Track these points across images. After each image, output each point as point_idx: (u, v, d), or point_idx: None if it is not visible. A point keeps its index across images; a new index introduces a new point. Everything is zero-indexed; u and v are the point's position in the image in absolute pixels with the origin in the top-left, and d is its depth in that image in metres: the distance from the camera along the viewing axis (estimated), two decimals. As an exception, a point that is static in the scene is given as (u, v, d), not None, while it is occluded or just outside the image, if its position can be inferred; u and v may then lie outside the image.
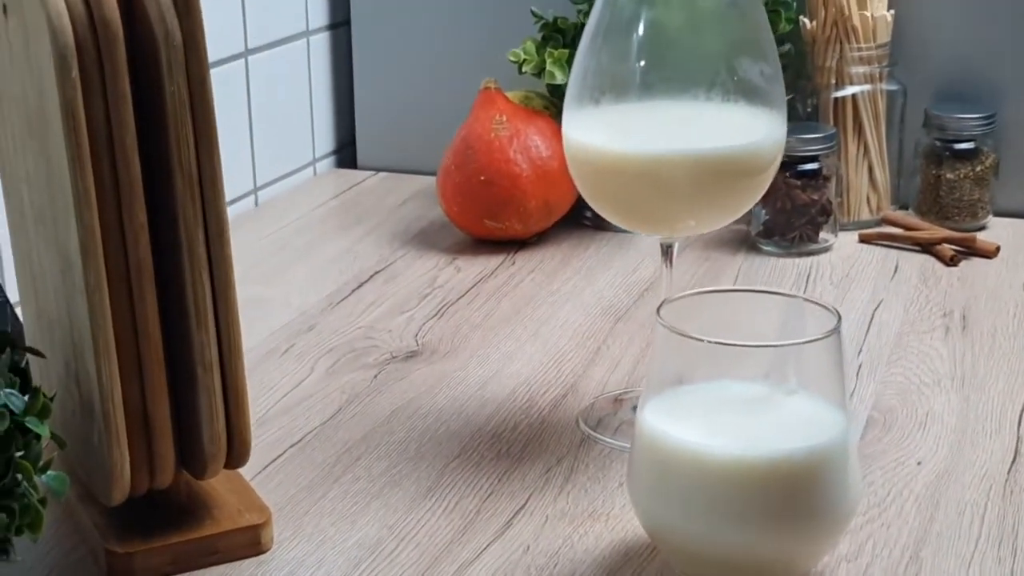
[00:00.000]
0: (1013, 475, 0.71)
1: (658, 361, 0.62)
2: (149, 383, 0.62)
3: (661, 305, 0.62)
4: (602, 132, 0.71)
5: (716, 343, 0.59)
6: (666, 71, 0.71)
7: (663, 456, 0.60)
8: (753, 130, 0.71)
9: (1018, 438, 0.75)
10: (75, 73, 0.58)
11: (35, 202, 0.65)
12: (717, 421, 0.61)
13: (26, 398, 0.57)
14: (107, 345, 0.60)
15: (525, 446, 0.76)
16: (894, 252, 1.03)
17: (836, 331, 0.60)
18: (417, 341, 0.89)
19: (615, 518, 0.68)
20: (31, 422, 0.57)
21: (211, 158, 0.61)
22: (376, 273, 1.01)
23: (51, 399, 0.59)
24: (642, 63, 0.71)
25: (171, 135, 0.60)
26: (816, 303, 0.62)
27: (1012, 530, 0.66)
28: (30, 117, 0.63)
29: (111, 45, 0.59)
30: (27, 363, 0.62)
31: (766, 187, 0.73)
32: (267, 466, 0.73)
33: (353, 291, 0.98)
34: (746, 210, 0.75)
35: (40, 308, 0.68)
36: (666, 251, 0.76)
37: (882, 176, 1.07)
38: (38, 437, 0.58)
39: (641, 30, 0.71)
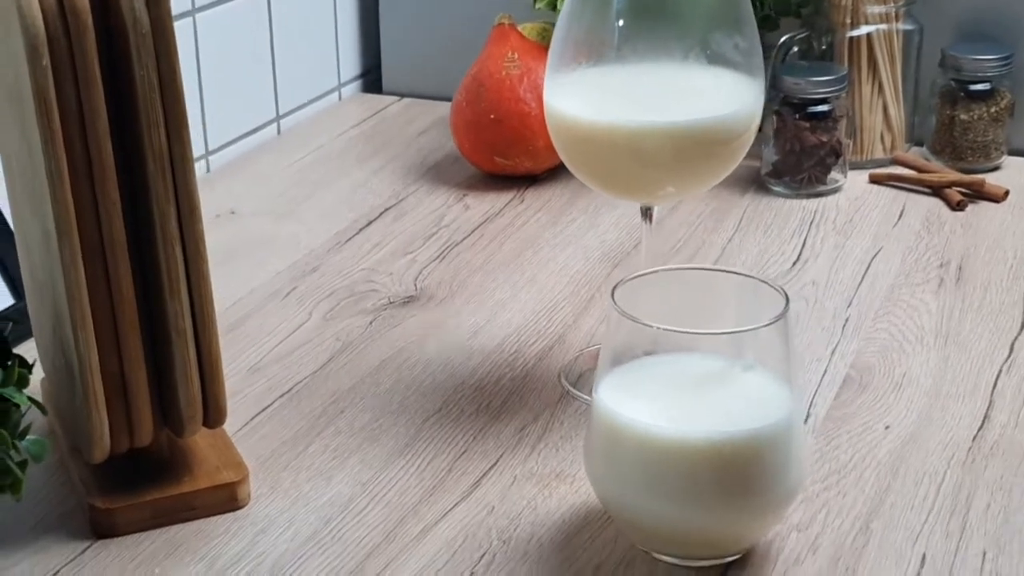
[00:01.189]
0: (978, 442, 0.72)
1: (613, 339, 0.63)
2: (126, 350, 0.65)
3: (616, 286, 0.64)
4: (581, 100, 0.72)
5: (665, 329, 0.61)
6: (644, 37, 0.71)
7: (614, 433, 0.62)
8: (730, 100, 0.71)
9: (990, 402, 0.76)
10: (46, 62, 0.60)
11: (22, 173, 0.68)
12: (667, 400, 0.63)
13: (5, 367, 0.61)
14: (83, 317, 0.63)
15: (505, 401, 0.78)
16: (903, 194, 1.02)
17: (783, 316, 0.61)
18: (416, 285, 0.91)
19: (580, 480, 0.70)
20: (8, 392, 0.61)
21: (181, 139, 0.63)
22: (386, 210, 1.03)
23: (30, 367, 0.63)
24: (620, 23, 0.71)
25: (142, 118, 0.62)
26: (769, 284, 0.63)
27: (965, 502, 0.67)
28: (11, 94, 0.65)
29: (81, 34, 0.61)
30: (9, 331, 0.65)
31: (744, 152, 0.74)
32: (254, 417, 0.76)
33: (361, 230, 1.00)
34: (725, 175, 0.75)
35: (32, 271, 0.72)
36: (646, 212, 0.77)
37: (897, 115, 1.06)
38: (16, 405, 0.62)
39: (621, -5, 0.71)
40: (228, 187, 1.07)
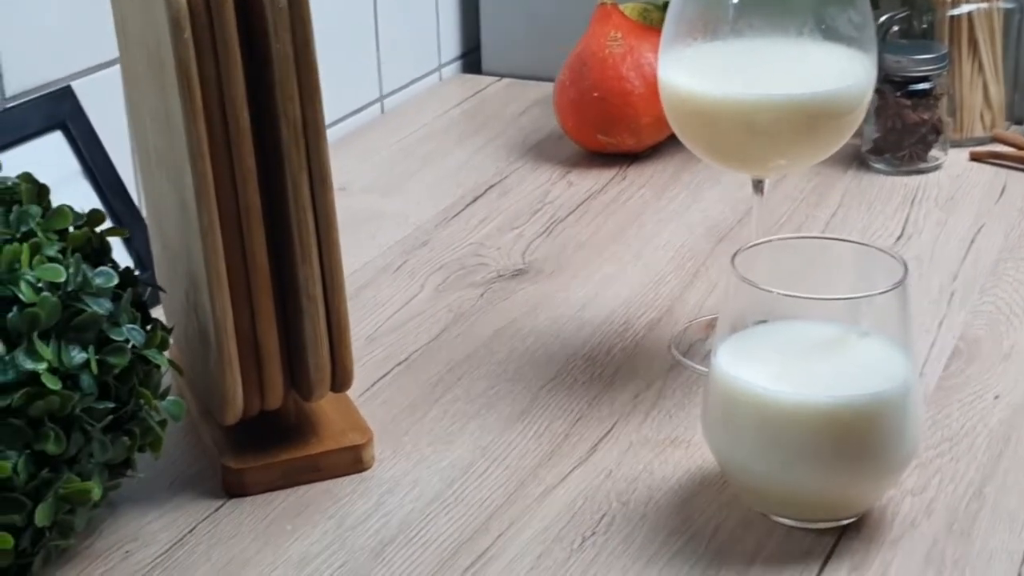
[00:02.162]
0: (1089, 414, 0.73)
1: (732, 304, 0.65)
2: (259, 314, 0.67)
3: (736, 254, 0.65)
4: (697, 75, 0.74)
5: (784, 295, 0.62)
6: (759, 13, 0.73)
7: (732, 398, 0.64)
8: (845, 74, 0.72)
9: (1101, 375, 0.76)
10: (187, 35, 0.63)
11: (157, 144, 0.71)
12: (784, 365, 0.64)
13: (147, 330, 0.64)
14: (220, 281, 0.66)
15: (617, 370, 0.80)
16: (1003, 172, 1.03)
17: (902, 283, 0.62)
18: (524, 259, 0.93)
19: (695, 446, 0.72)
20: (150, 354, 0.64)
21: (314, 109, 0.66)
22: (491, 187, 1.05)
23: (169, 331, 0.66)
24: (735, 1, 0.73)
25: (277, 89, 0.65)
26: (887, 252, 0.65)
27: (1079, 471, 0.68)
28: (151, 57, 0.68)
29: (221, 8, 0.63)
30: (148, 295, 0.68)
31: (856, 126, 0.75)
32: (374, 384, 0.79)
33: (467, 206, 1.02)
34: (837, 148, 0.76)
35: (164, 241, 0.75)
36: (757, 185, 0.78)
37: (997, 93, 1.06)
38: (158, 366, 0.64)
39: (735, -28, 0.72)
40: (337, 164, 1.07)
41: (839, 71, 0.72)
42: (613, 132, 1.06)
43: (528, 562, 0.64)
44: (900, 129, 1.02)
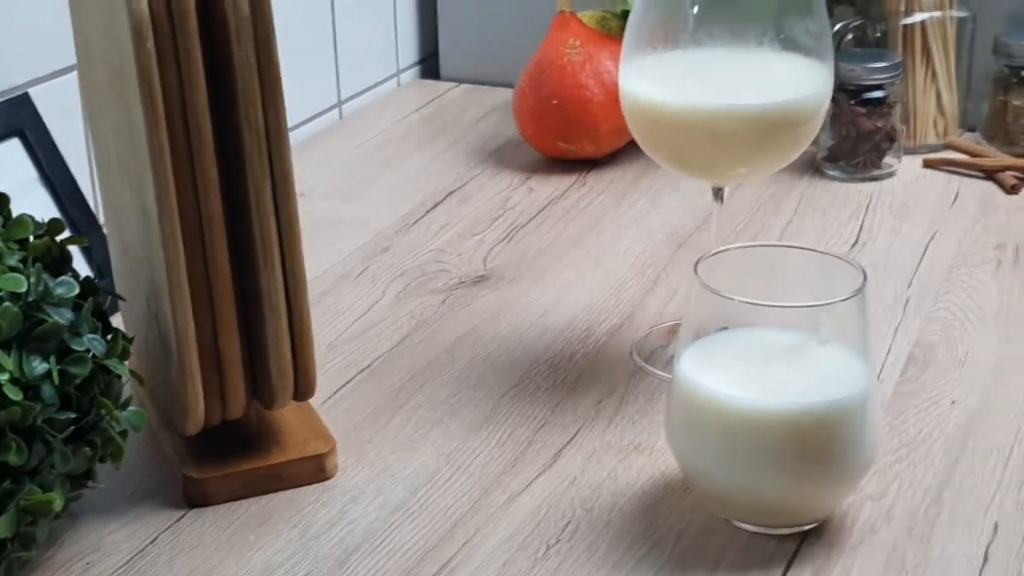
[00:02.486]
0: (1044, 418, 0.74)
1: (694, 312, 0.65)
2: (221, 323, 0.67)
3: (698, 261, 0.66)
4: (658, 83, 0.74)
5: (746, 302, 0.63)
6: (718, 22, 0.73)
7: (695, 404, 0.64)
8: (804, 83, 0.73)
9: (1054, 380, 0.78)
10: (150, 44, 0.62)
11: (119, 151, 0.71)
12: (746, 371, 0.65)
13: (108, 340, 0.64)
14: (181, 289, 0.66)
15: (580, 376, 0.80)
16: (956, 178, 1.04)
17: (861, 291, 0.63)
18: (485, 265, 0.94)
19: (658, 452, 0.72)
20: (112, 364, 0.63)
21: (277, 116, 0.66)
22: (451, 193, 1.05)
23: (130, 341, 0.65)
24: (695, 10, 0.74)
25: (240, 97, 0.65)
26: (846, 261, 0.65)
27: (1034, 475, 0.69)
28: (113, 73, 0.68)
29: (183, 17, 0.63)
30: (109, 304, 0.68)
31: (815, 134, 0.76)
32: (337, 392, 0.79)
33: (428, 212, 1.02)
34: (795, 156, 0.77)
35: (124, 248, 0.74)
36: (717, 193, 0.79)
37: (950, 101, 1.08)
38: (119, 376, 0.64)
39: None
40: (296, 170, 1.08)
41: (798, 81, 0.73)
42: (572, 139, 1.06)
43: (493, 570, 0.64)
44: (854, 137, 1.03)
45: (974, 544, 0.64)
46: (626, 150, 1.10)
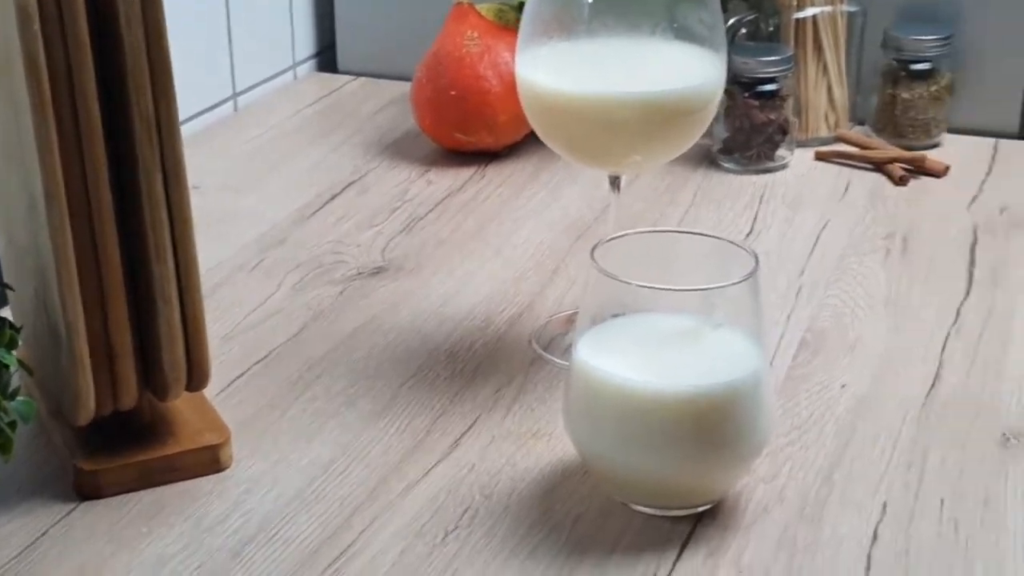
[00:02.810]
0: (930, 401, 0.76)
1: (591, 297, 0.66)
2: (111, 314, 0.66)
3: (595, 247, 0.66)
4: (553, 73, 0.74)
5: (642, 286, 0.63)
6: (613, 12, 0.74)
7: (592, 389, 0.65)
8: (697, 72, 0.74)
9: (940, 364, 0.79)
10: (36, 27, 0.61)
11: (5, 138, 0.69)
12: (643, 356, 0.66)
13: (-4, 331, 0.62)
14: (70, 281, 0.64)
15: (479, 365, 0.80)
16: (847, 170, 1.06)
17: (753, 274, 0.64)
18: (384, 257, 0.93)
19: (557, 438, 0.73)
20: None
21: (167, 103, 0.65)
22: (349, 185, 1.05)
23: (18, 330, 0.64)
24: (590, 1, 0.74)
25: (129, 83, 0.64)
26: (739, 246, 0.66)
27: (922, 456, 0.71)
28: (0, 66, 0.66)
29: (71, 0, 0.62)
30: (-2, 295, 0.66)
31: (708, 122, 0.77)
32: (231, 383, 0.78)
33: (325, 204, 1.01)
34: (690, 145, 0.78)
35: (12, 235, 0.73)
36: (614, 181, 0.79)
37: (841, 95, 1.10)
38: (6, 366, 0.63)
39: (590, -28, 0.73)
40: (190, 162, 1.06)
41: (691, 69, 0.74)
42: (471, 130, 1.06)
43: (391, 557, 0.64)
44: (748, 129, 1.05)
45: (863, 524, 0.66)
46: (525, 143, 1.10)
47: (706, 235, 0.69)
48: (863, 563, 0.63)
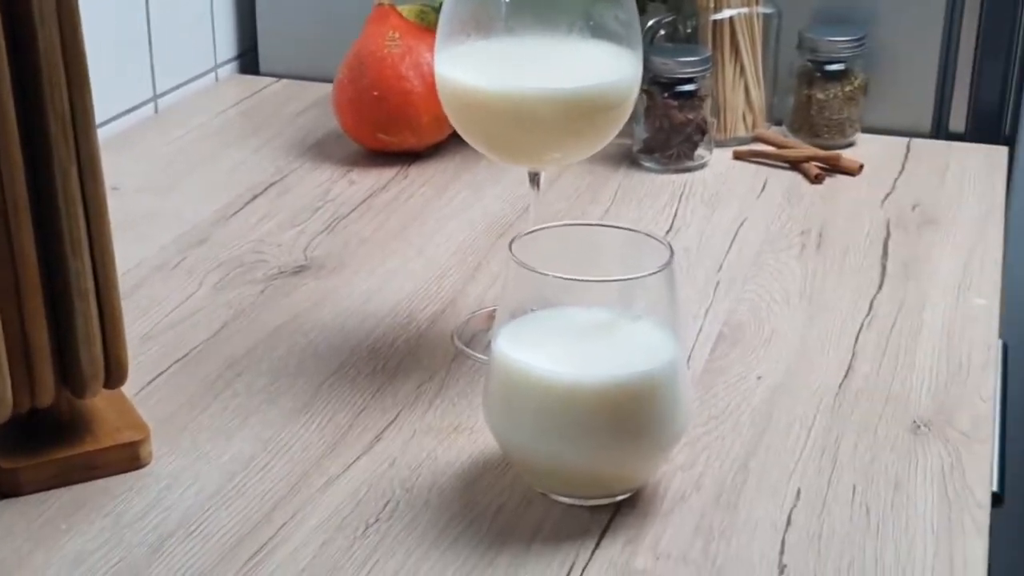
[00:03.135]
0: (843, 390, 0.77)
1: (511, 291, 0.67)
2: (28, 309, 0.65)
3: (513, 240, 0.67)
4: (472, 71, 0.75)
5: (560, 277, 0.64)
6: (530, 10, 0.75)
7: (512, 381, 0.66)
8: (613, 69, 0.75)
9: (853, 354, 0.81)
10: (-53, 20, 0.61)
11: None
12: (562, 348, 0.66)
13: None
14: (-15, 277, 0.64)
15: (401, 361, 0.81)
16: (764, 169, 1.08)
17: (668, 265, 0.65)
18: (306, 256, 0.93)
19: (478, 432, 0.73)
20: (-86, 352, 0.61)
21: (83, 100, 0.65)
22: (271, 185, 1.05)
23: (-67, 328, 0.63)
24: (507, 1, 0.75)
25: (44, 79, 0.63)
26: (654, 237, 0.67)
27: (835, 442, 0.72)
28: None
29: (-18, -6, 0.61)
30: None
31: (625, 119, 0.78)
32: (152, 381, 0.78)
33: (246, 204, 1.01)
34: (608, 141, 0.79)
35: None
36: (533, 178, 0.80)
37: (758, 95, 1.12)
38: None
39: (506, -29, 0.74)
40: (109, 164, 1.04)
41: (607, 66, 0.75)
42: (393, 131, 1.07)
43: (311, 550, 0.64)
44: (668, 129, 1.06)
45: (778, 509, 0.67)
46: (448, 143, 1.11)
47: (622, 228, 0.70)
48: (777, 547, 0.64)
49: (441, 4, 1.08)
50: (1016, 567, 1.60)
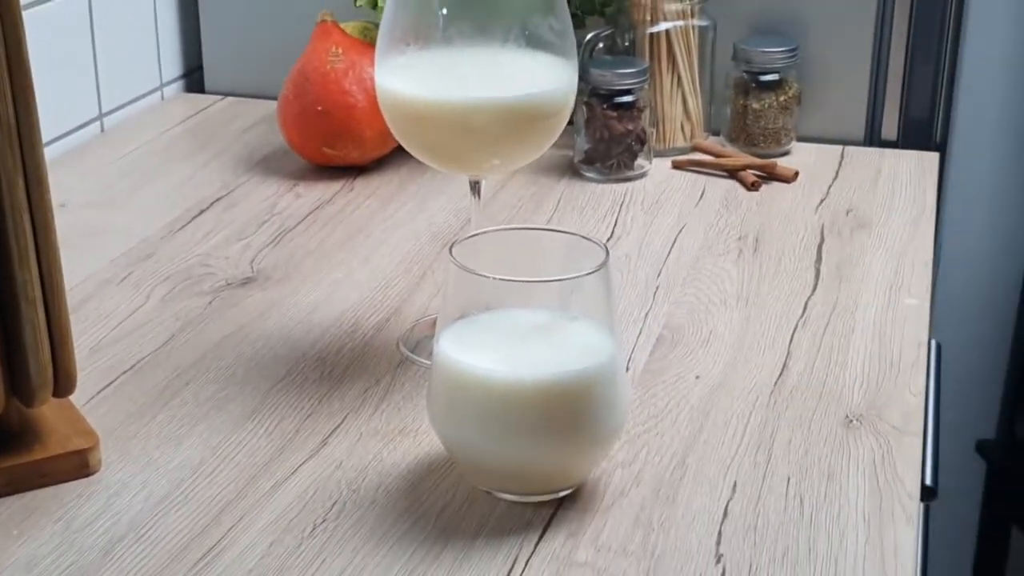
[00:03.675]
0: (778, 387, 0.80)
1: (452, 295, 0.68)
2: (-25, 321, 0.67)
3: (453, 245, 0.68)
4: (411, 80, 0.77)
5: (499, 279, 0.66)
6: (467, 22, 0.77)
7: (455, 381, 0.67)
8: (547, 78, 0.77)
9: (788, 353, 0.83)
10: None
11: None
12: (502, 348, 0.68)
13: None
14: (-67, 287, 0.65)
15: (347, 368, 0.82)
16: (702, 178, 1.11)
17: (604, 266, 0.67)
18: (252, 268, 0.95)
19: (423, 434, 0.75)
20: None
21: (28, 111, 0.66)
22: (217, 200, 1.06)
23: None
24: (444, 11, 0.77)
25: (-12, 91, 0.65)
26: (590, 240, 0.69)
27: (770, 437, 0.75)
28: None
29: (-74, 8, 0.63)
30: None
31: (562, 127, 0.80)
32: (100, 391, 0.79)
33: (193, 218, 1.02)
34: (546, 148, 0.81)
35: None
36: (474, 187, 0.82)
37: (695, 106, 1.15)
38: None
39: (443, -17, 0.76)
40: (56, 181, 1.05)
41: (543, 75, 0.77)
42: (338, 145, 1.08)
43: (260, 551, 0.65)
44: (608, 139, 1.09)
45: (715, 501, 0.69)
46: (392, 157, 1.12)
47: (559, 231, 0.72)
48: (714, 538, 0.66)
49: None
50: (953, 560, 1.63)
